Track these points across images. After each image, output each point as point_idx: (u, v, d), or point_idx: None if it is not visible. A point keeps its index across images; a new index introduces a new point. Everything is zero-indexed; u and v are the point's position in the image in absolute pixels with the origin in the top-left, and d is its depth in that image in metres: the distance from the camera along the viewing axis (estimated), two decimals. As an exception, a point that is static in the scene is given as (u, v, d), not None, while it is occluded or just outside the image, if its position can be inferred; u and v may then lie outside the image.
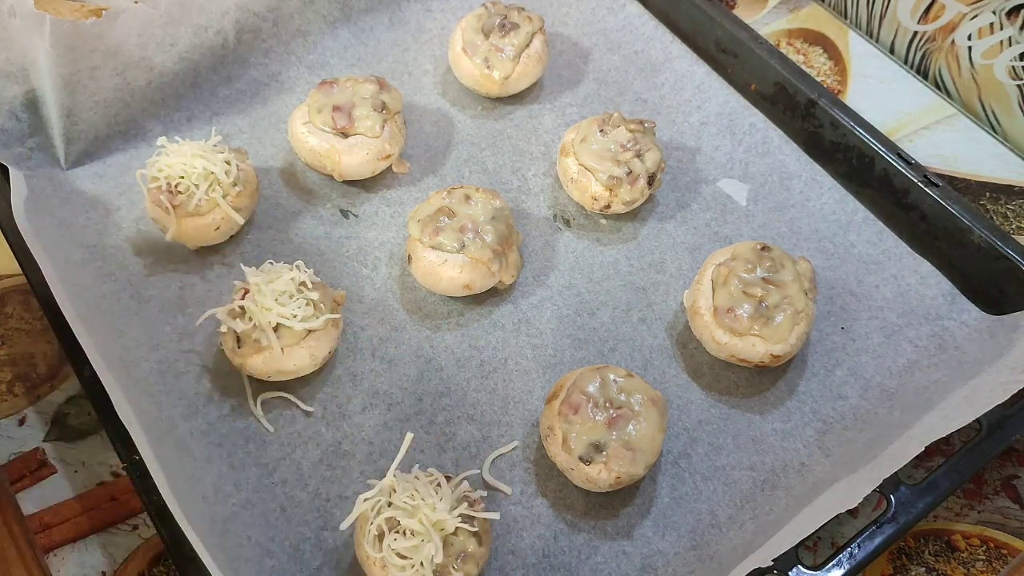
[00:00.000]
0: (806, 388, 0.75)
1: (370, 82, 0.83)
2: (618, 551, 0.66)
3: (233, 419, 0.72)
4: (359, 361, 0.75)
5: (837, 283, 0.80)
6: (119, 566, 0.68)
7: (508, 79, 0.88)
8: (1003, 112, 0.96)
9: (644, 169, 0.80)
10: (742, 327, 0.71)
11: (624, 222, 0.84)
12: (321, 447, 0.71)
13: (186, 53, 0.87)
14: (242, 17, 0.89)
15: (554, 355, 0.76)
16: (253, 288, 0.69)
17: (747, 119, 0.90)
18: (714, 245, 0.82)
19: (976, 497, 0.73)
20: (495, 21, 0.89)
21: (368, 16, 0.97)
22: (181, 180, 0.75)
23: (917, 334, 0.77)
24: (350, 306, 0.78)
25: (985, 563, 0.70)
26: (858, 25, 1.05)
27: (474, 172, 0.88)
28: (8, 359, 0.78)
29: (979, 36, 0.95)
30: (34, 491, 0.72)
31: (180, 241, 0.78)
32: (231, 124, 0.89)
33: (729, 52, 0.93)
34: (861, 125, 0.84)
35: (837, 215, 0.84)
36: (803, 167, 0.87)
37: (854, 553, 0.62)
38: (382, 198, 0.85)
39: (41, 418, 0.75)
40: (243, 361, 0.70)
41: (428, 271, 0.75)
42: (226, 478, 0.69)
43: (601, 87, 0.94)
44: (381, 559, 0.59)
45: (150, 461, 0.62)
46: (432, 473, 0.63)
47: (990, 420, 0.67)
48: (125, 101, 0.85)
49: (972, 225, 0.78)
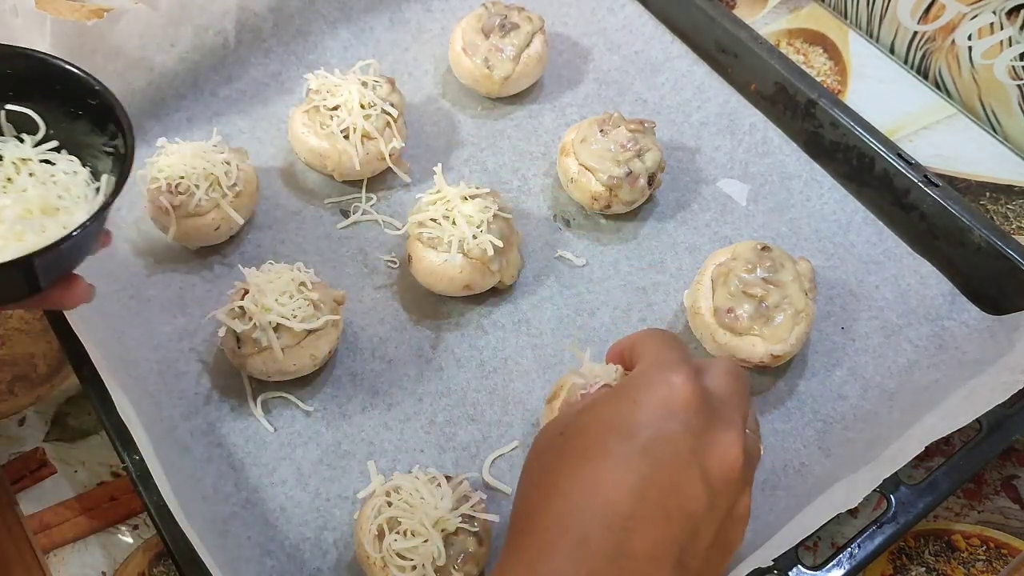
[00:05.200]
0: (806, 388, 0.75)
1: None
2: (618, 551, 0.66)
3: (233, 419, 0.72)
4: (359, 361, 0.75)
5: (837, 283, 0.80)
6: (119, 566, 0.68)
7: (508, 79, 0.89)
8: (1003, 112, 0.96)
9: (644, 169, 0.80)
10: (742, 327, 0.71)
11: (624, 222, 0.84)
12: (321, 447, 0.71)
13: (186, 54, 0.87)
14: (242, 17, 0.89)
15: (554, 355, 0.76)
16: (253, 288, 0.69)
17: (747, 119, 0.90)
18: (714, 245, 0.82)
19: (976, 497, 0.73)
20: (495, 21, 0.89)
21: (368, 16, 0.97)
22: (181, 180, 0.75)
23: (917, 334, 0.77)
24: (350, 306, 0.78)
25: (985, 563, 0.70)
26: (858, 25, 1.05)
27: (474, 172, 0.88)
28: (8, 359, 0.78)
29: (979, 36, 0.95)
30: (34, 491, 0.72)
31: (180, 241, 0.78)
32: (231, 124, 0.89)
33: (729, 52, 0.93)
34: (861, 125, 0.84)
35: (837, 215, 0.84)
36: (803, 167, 0.87)
37: (854, 553, 0.62)
38: (382, 198, 0.85)
39: (41, 418, 0.75)
40: (243, 361, 0.70)
41: (428, 271, 0.75)
42: (226, 478, 0.69)
43: (601, 87, 0.94)
44: (381, 559, 0.59)
45: (150, 461, 0.62)
46: (432, 473, 0.63)
47: (990, 420, 0.67)
48: (125, 101, 0.83)
49: (972, 225, 0.78)
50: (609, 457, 0.46)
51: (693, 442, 0.46)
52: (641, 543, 0.44)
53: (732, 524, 0.48)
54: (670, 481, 0.45)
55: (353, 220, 0.84)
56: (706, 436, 0.47)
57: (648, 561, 0.44)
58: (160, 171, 0.76)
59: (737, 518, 0.49)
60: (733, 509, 0.48)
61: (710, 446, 0.46)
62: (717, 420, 0.48)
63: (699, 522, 0.45)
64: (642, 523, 0.44)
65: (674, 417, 0.47)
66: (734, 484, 0.47)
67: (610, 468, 0.45)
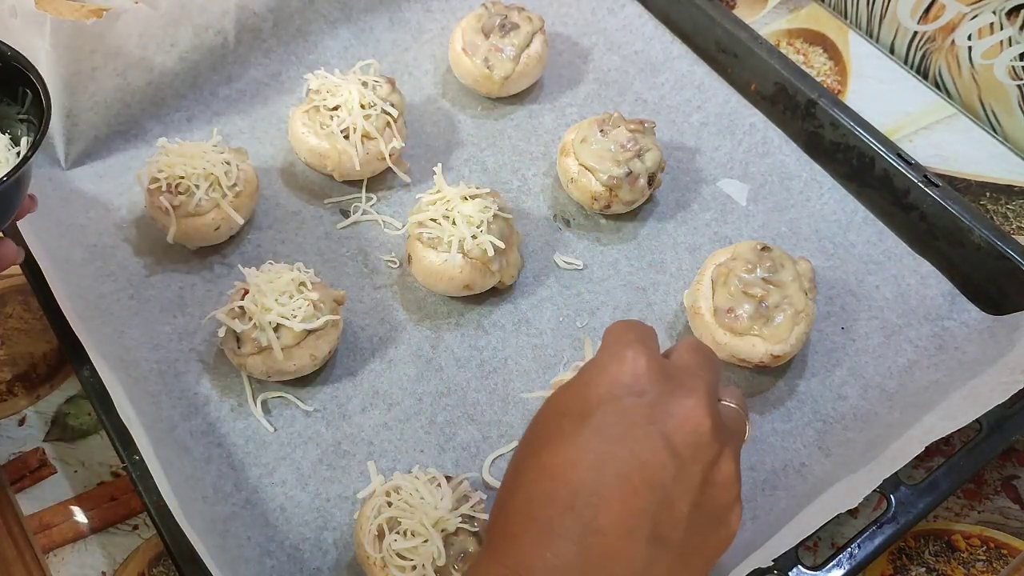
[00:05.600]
0: (806, 388, 0.75)
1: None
2: (618, 551, 0.66)
3: (233, 419, 0.72)
4: (359, 361, 0.75)
5: (837, 283, 0.80)
6: (119, 566, 0.68)
7: (508, 79, 0.89)
8: (1003, 112, 0.96)
9: (644, 169, 0.80)
10: (742, 327, 0.71)
11: (624, 222, 0.84)
12: (321, 447, 0.71)
13: (186, 53, 0.87)
14: (242, 17, 0.89)
15: (554, 355, 0.76)
16: (253, 288, 0.69)
17: (747, 119, 0.90)
18: (714, 245, 0.82)
19: (976, 497, 0.73)
20: (495, 21, 0.89)
21: (368, 16, 0.97)
22: (181, 180, 0.75)
23: (917, 334, 0.77)
24: (350, 306, 0.78)
25: (985, 563, 0.70)
26: (858, 25, 1.05)
27: (474, 172, 0.88)
28: (8, 359, 0.78)
29: (979, 36, 0.95)
30: (34, 491, 0.71)
31: (180, 241, 0.78)
32: (231, 124, 0.89)
33: (729, 52, 0.93)
34: (861, 125, 0.84)
35: (837, 215, 0.84)
36: (803, 167, 0.87)
37: (854, 553, 0.62)
38: (382, 198, 0.85)
39: (41, 418, 0.75)
40: (243, 361, 0.70)
41: (428, 271, 0.75)
42: (226, 478, 0.69)
43: (601, 87, 0.94)
44: (381, 559, 0.59)
45: (150, 461, 0.62)
46: (432, 473, 0.63)
47: (990, 420, 0.67)
48: (125, 101, 0.85)
49: (972, 225, 0.78)
50: (564, 440, 0.45)
51: (649, 411, 0.45)
52: (607, 519, 0.43)
53: (716, 490, 0.46)
54: (630, 453, 0.43)
55: (353, 220, 0.84)
56: (664, 405, 0.45)
57: (618, 537, 0.42)
58: (160, 171, 0.76)
59: (721, 484, 0.46)
60: (712, 475, 0.45)
61: (669, 414, 0.45)
62: (676, 388, 0.46)
63: (670, 491, 0.43)
64: (605, 500, 0.43)
65: (626, 389, 0.45)
66: (704, 449, 0.45)
67: (565, 451, 0.44)
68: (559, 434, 0.46)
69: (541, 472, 0.45)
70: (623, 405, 0.45)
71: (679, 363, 0.49)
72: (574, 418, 0.46)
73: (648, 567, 0.43)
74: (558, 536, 0.42)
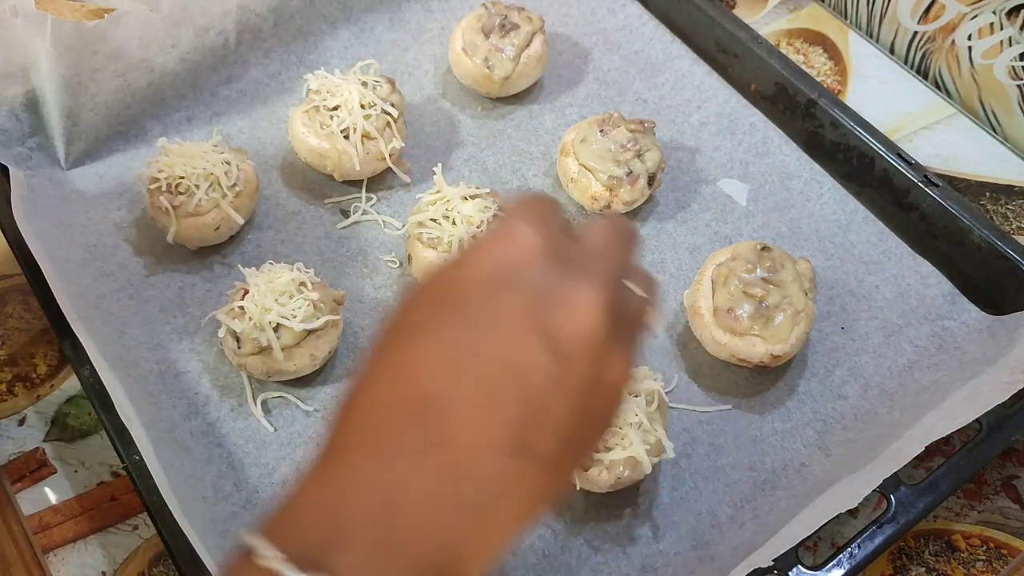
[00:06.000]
0: (806, 388, 0.74)
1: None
2: (618, 551, 0.66)
3: (233, 419, 0.72)
4: (359, 361, 0.75)
5: (837, 283, 0.80)
6: (119, 566, 0.68)
7: (508, 79, 0.89)
8: (1003, 112, 0.96)
9: (644, 169, 0.80)
10: (742, 327, 0.71)
11: (624, 222, 0.84)
12: (321, 447, 0.70)
13: (187, 54, 0.87)
14: (243, 18, 0.89)
15: (554, 355, 0.76)
16: (253, 288, 0.69)
17: (747, 119, 0.90)
18: (714, 245, 0.82)
19: (976, 497, 0.73)
20: (495, 21, 0.89)
21: (368, 16, 0.97)
22: (181, 180, 0.75)
23: (917, 334, 0.77)
24: (350, 306, 0.78)
25: (985, 563, 0.70)
26: (858, 25, 1.05)
27: (474, 172, 0.88)
28: (8, 359, 0.78)
29: (979, 36, 0.95)
30: (34, 491, 0.72)
31: (180, 241, 0.78)
32: (231, 124, 0.89)
33: (729, 52, 0.93)
34: (861, 125, 0.84)
35: (837, 215, 0.84)
36: (803, 167, 0.87)
37: (854, 553, 0.62)
38: (382, 198, 0.85)
39: (41, 418, 0.75)
40: (243, 361, 0.70)
41: (428, 271, 0.75)
42: (226, 478, 0.69)
43: (601, 87, 0.94)
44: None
45: (150, 461, 0.62)
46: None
47: (990, 420, 0.66)
48: (126, 102, 0.85)
49: (972, 225, 0.78)
50: (426, 332, 0.37)
51: (533, 302, 0.37)
52: (458, 430, 0.35)
53: (602, 390, 0.38)
54: (500, 350, 0.36)
55: (353, 220, 0.84)
56: (553, 293, 0.37)
57: (470, 451, 0.35)
58: (160, 171, 0.76)
59: (608, 385, 0.38)
60: (601, 375, 0.37)
61: (556, 304, 0.37)
62: (571, 273, 0.38)
63: (544, 396, 0.36)
64: (460, 405, 0.35)
65: (512, 274, 0.37)
66: (594, 346, 0.37)
67: (427, 347, 0.37)
68: (421, 326, 0.38)
69: (396, 371, 0.37)
70: (504, 292, 0.37)
71: (584, 243, 0.41)
72: (446, 306, 0.38)
73: (508, 484, 0.36)
74: (396, 451, 0.35)
